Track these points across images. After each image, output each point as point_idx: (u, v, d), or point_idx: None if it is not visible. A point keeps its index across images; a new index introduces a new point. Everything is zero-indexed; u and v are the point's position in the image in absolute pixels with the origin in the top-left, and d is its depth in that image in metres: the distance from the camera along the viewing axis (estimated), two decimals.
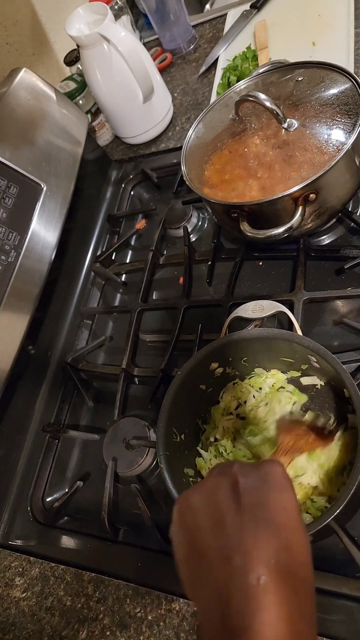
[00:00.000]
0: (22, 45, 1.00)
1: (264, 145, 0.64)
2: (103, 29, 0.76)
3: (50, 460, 0.72)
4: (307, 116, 0.62)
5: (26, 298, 0.67)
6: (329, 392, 0.53)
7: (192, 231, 0.83)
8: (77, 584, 0.58)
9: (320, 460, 0.49)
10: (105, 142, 1.06)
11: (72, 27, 0.80)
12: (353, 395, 0.45)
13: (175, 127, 0.97)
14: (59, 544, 0.64)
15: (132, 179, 0.98)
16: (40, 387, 0.78)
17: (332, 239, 0.68)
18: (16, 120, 0.71)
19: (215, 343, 0.55)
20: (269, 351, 0.55)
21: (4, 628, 0.59)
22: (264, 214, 0.58)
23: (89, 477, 0.69)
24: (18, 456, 0.73)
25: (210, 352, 0.55)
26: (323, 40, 0.86)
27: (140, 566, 0.56)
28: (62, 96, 0.82)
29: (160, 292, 0.82)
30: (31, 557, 0.64)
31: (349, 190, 0.60)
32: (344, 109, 0.59)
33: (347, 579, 0.46)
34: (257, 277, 0.71)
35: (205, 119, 0.72)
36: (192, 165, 0.68)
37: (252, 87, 0.70)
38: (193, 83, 1.02)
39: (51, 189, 0.73)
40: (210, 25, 1.09)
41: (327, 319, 0.62)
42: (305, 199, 0.55)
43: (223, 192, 0.64)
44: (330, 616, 0.45)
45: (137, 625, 0.52)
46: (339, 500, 0.40)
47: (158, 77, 0.92)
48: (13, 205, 0.66)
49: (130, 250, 0.92)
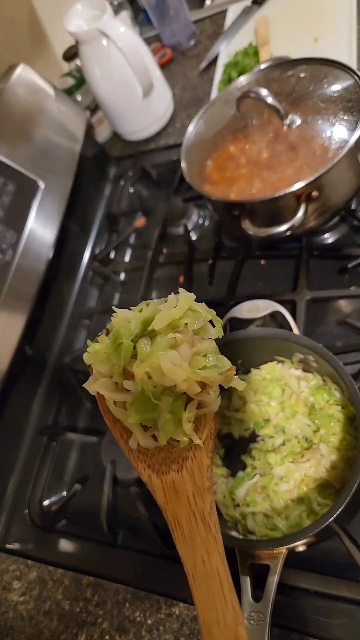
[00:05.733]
0: (20, 41, 0.99)
1: (265, 142, 0.63)
2: (102, 25, 0.75)
3: (48, 462, 0.71)
4: (309, 113, 0.61)
5: (23, 297, 0.67)
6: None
7: (193, 229, 0.82)
8: (76, 587, 0.58)
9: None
10: (104, 139, 1.05)
11: (70, 23, 0.79)
12: (352, 394, 0.45)
13: (176, 124, 0.96)
14: (57, 548, 0.63)
15: (131, 176, 0.97)
16: (38, 389, 0.77)
17: (335, 238, 0.67)
18: (13, 117, 0.70)
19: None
20: (266, 351, 0.55)
21: (2, 632, 0.59)
22: (266, 212, 0.57)
23: (88, 480, 0.68)
24: (15, 458, 0.72)
25: None
26: (325, 36, 0.85)
27: (139, 570, 0.56)
28: (60, 92, 0.81)
29: (160, 291, 0.81)
30: (29, 561, 0.63)
31: (351, 187, 0.59)
32: (346, 106, 0.59)
33: (349, 582, 0.46)
34: (259, 276, 0.70)
35: (206, 115, 0.71)
36: (193, 162, 0.67)
37: (253, 84, 0.69)
38: (193, 79, 1.01)
39: (49, 187, 0.72)
40: (210, 21, 1.08)
41: (330, 319, 0.62)
42: (308, 197, 0.55)
43: (224, 190, 0.63)
44: (332, 620, 0.44)
45: (136, 629, 0.52)
46: (339, 501, 0.40)
47: (158, 73, 0.91)
48: (10, 203, 0.65)
49: (129, 248, 0.91)
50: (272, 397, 0.54)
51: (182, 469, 0.33)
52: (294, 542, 0.41)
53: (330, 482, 0.48)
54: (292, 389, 0.54)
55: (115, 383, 0.32)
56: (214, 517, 0.31)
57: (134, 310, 0.33)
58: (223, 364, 0.32)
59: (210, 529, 0.31)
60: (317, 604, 0.46)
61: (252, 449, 0.54)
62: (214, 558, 0.30)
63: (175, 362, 0.30)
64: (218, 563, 0.30)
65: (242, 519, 0.49)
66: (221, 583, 0.29)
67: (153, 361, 0.30)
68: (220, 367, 0.32)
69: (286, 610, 0.46)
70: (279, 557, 0.43)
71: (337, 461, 0.48)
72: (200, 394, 0.31)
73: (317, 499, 0.47)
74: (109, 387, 0.32)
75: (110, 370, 0.32)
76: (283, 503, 0.48)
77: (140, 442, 0.32)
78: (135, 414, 0.31)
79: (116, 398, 0.32)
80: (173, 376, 0.30)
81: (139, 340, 0.31)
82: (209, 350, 0.32)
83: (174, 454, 0.33)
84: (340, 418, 0.49)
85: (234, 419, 0.57)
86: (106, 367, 0.32)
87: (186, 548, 0.31)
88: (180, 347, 0.30)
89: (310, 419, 0.51)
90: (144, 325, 0.31)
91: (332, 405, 0.50)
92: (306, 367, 0.54)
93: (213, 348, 0.32)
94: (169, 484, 0.33)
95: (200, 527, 0.31)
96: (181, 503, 0.32)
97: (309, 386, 0.53)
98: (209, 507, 0.31)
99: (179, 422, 0.31)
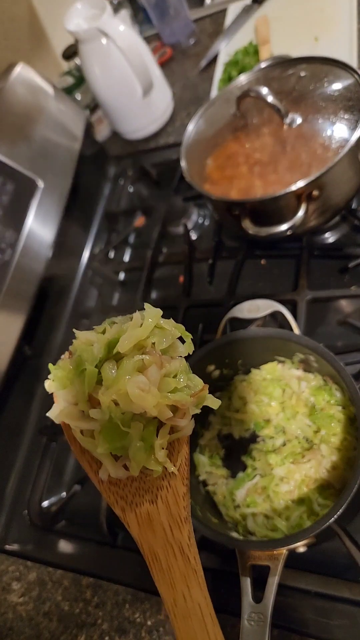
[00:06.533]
0: (19, 40, 0.98)
1: (265, 141, 0.63)
2: (102, 24, 0.75)
3: (47, 463, 0.71)
4: (310, 112, 0.61)
5: (22, 297, 0.66)
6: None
7: (193, 229, 0.82)
8: (75, 588, 0.57)
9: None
10: (103, 138, 1.05)
11: (70, 22, 0.79)
12: (352, 394, 0.44)
13: (175, 123, 0.96)
14: (56, 549, 0.63)
15: (131, 175, 0.97)
16: (37, 389, 0.77)
17: (336, 237, 0.67)
18: (12, 116, 0.70)
19: (211, 345, 0.54)
20: (267, 351, 0.55)
21: (1, 632, 0.59)
22: (266, 211, 0.57)
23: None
24: (15, 459, 0.72)
25: (206, 354, 0.54)
26: (326, 35, 0.85)
27: (139, 571, 0.55)
28: (59, 91, 0.81)
29: (160, 291, 0.80)
30: (28, 562, 0.63)
31: (352, 187, 0.59)
32: (347, 105, 0.59)
33: (349, 583, 0.45)
34: (259, 276, 0.70)
35: (206, 114, 0.71)
36: (193, 161, 0.67)
37: (253, 83, 0.69)
38: (193, 78, 1.00)
39: (48, 186, 0.72)
40: (211, 20, 1.08)
41: (330, 319, 0.61)
42: (308, 196, 0.55)
43: (224, 189, 0.63)
44: (333, 621, 0.44)
45: (136, 630, 0.51)
46: (340, 501, 0.39)
47: (158, 71, 0.90)
48: (9, 203, 0.65)
49: (128, 248, 0.91)
50: (273, 397, 0.54)
51: (157, 499, 0.31)
52: (294, 543, 0.41)
53: (330, 483, 0.48)
54: (293, 389, 0.54)
55: (81, 411, 0.30)
56: (193, 548, 0.30)
57: (96, 330, 0.31)
58: (195, 384, 0.30)
59: (190, 561, 0.29)
60: (317, 605, 0.45)
61: (252, 450, 0.54)
62: (194, 592, 0.29)
63: (143, 387, 0.28)
64: (199, 598, 0.28)
65: (243, 520, 0.49)
66: (204, 619, 0.28)
67: (119, 388, 0.27)
68: (192, 388, 0.30)
69: (286, 611, 0.46)
70: (280, 558, 0.42)
71: (337, 462, 0.48)
72: (173, 418, 0.29)
73: (318, 500, 0.47)
74: (74, 415, 0.30)
75: (75, 397, 0.30)
76: (283, 504, 0.48)
77: (111, 473, 0.30)
78: (104, 443, 0.28)
79: (83, 427, 0.30)
80: (142, 403, 0.27)
81: (104, 365, 0.29)
82: (179, 369, 0.30)
83: (147, 483, 0.31)
84: (340, 418, 0.49)
85: (234, 419, 0.57)
86: (71, 393, 0.30)
87: (165, 583, 0.29)
88: (148, 370, 0.28)
89: (310, 420, 0.51)
90: (108, 348, 0.29)
91: (332, 405, 0.50)
92: (307, 368, 0.54)
93: (184, 367, 0.30)
94: (143, 516, 0.31)
95: (179, 560, 0.29)
96: (157, 536, 0.30)
97: (310, 386, 0.53)
98: (187, 539, 0.30)
99: (151, 449, 0.29)
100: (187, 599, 0.28)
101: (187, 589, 0.28)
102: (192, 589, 0.29)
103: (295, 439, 0.51)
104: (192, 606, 0.28)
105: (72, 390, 0.30)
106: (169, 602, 0.29)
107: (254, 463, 0.53)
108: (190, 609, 0.28)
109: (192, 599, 0.28)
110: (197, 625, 0.28)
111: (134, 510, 0.31)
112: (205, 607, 0.28)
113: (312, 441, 0.50)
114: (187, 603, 0.28)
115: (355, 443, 0.47)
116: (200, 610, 0.28)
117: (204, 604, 0.28)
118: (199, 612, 0.28)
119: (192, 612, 0.28)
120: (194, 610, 0.28)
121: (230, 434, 0.57)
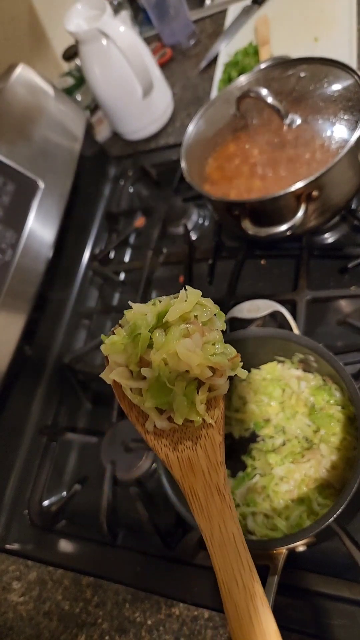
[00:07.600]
0: (19, 41, 0.99)
1: (265, 142, 0.63)
2: (102, 25, 0.75)
3: (47, 463, 0.71)
4: (309, 112, 0.61)
5: (23, 297, 0.66)
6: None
7: (193, 229, 0.82)
8: (76, 588, 0.57)
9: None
10: (103, 138, 1.05)
11: (70, 23, 0.79)
12: (352, 394, 0.44)
13: (175, 123, 0.96)
14: (56, 548, 0.63)
15: (131, 176, 0.97)
16: (37, 389, 0.77)
17: (336, 237, 0.67)
18: (13, 117, 0.70)
19: None
20: (266, 351, 0.55)
21: (2, 632, 0.59)
22: (266, 212, 0.57)
23: (87, 480, 0.68)
24: (15, 459, 0.72)
25: None
26: (325, 36, 0.85)
27: (139, 570, 0.56)
28: (59, 92, 0.81)
29: (160, 291, 0.81)
30: (29, 561, 0.63)
31: (352, 187, 0.59)
32: (347, 105, 0.59)
33: (349, 583, 0.45)
34: (259, 276, 0.70)
35: (206, 114, 0.71)
36: (193, 161, 0.67)
37: (253, 83, 0.69)
38: (193, 78, 1.01)
39: (48, 186, 0.72)
40: (210, 21, 1.08)
41: (330, 319, 0.61)
42: (308, 197, 0.55)
43: (224, 189, 0.63)
44: (333, 620, 0.44)
45: (136, 630, 0.52)
46: (339, 501, 0.40)
47: (158, 72, 0.90)
48: (10, 203, 0.65)
49: (129, 248, 0.91)
50: (273, 397, 0.54)
51: (197, 446, 0.35)
52: (294, 543, 0.41)
53: (330, 483, 0.48)
54: (293, 389, 0.54)
55: (130, 372, 0.34)
56: (227, 488, 0.34)
57: (148, 304, 0.36)
58: (229, 352, 0.35)
59: (225, 499, 0.33)
60: (317, 605, 0.45)
61: (252, 449, 0.54)
62: (229, 524, 0.33)
63: (189, 348, 0.32)
64: (233, 529, 0.32)
65: (242, 519, 0.49)
66: (237, 546, 0.32)
67: (169, 348, 0.32)
68: (228, 355, 0.35)
69: (286, 611, 0.46)
70: (279, 557, 0.43)
71: (337, 461, 0.48)
72: (211, 378, 0.34)
73: (318, 499, 0.47)
74: (125, 375, 0.34)
75: (127, 360, 0.34)
76: (283, 503, 0.48)
77: (157, 424, 0.35)
78: (152, 399, 0.33)
79: (132, 385, 0.34)
80: (188, 361, 0.32)
81: (155, 331, 0.34)
82: (217, 339, 0.34)
83: (187, 433, 0.36)
84: (340, 418, 0.49)
85: (234, 419, 0.57)
86: (122, 357, 0.34)
87: (203, 517, 0.33)
88: (193, 336, 0.33)
89: (310, 419, 0.51)
90: (159, 318, 0.34)
91: (332, 405, 0.50)
92: (306, 367, 0.54)
93: (220, 338, 0.35)
94: (185, 461, 0.35)
95: (216, 498, 0.33)
96: (197, 477, 0.34)
97: (309, 386, 0.53)
98: (222, 480, 0.34)
99: (192, 404, 0.34)
100: (223, 530, 0.32)
101: (222, 522, 0.33)
102: (227, 522, 0.33)
103: (295, 439, 0.51)
104: (227, 536, 0.32)
105: (124, 353, 0.34)
106: (207, 533, 0.33)
107: (253, 462, 0.53)
108: (225, 539, 0.32)
109: (227, 530, 0.32)
110: (231, 551, 0.32)
111: (176, 454, 0.35)
112: (238, 536, 0.32)
113: (312, 441, 0.50)
114: (222, 534, 0.32)
115: (355, 443, 0.48)
116: (234, 539, 0.32)
117: (237, 534, 0.32)
118: (233, 541, 0.32)
119: (226, 541, 0.32)
120: (228, 539, 0.32)
121: (230, 434, 0.57)
